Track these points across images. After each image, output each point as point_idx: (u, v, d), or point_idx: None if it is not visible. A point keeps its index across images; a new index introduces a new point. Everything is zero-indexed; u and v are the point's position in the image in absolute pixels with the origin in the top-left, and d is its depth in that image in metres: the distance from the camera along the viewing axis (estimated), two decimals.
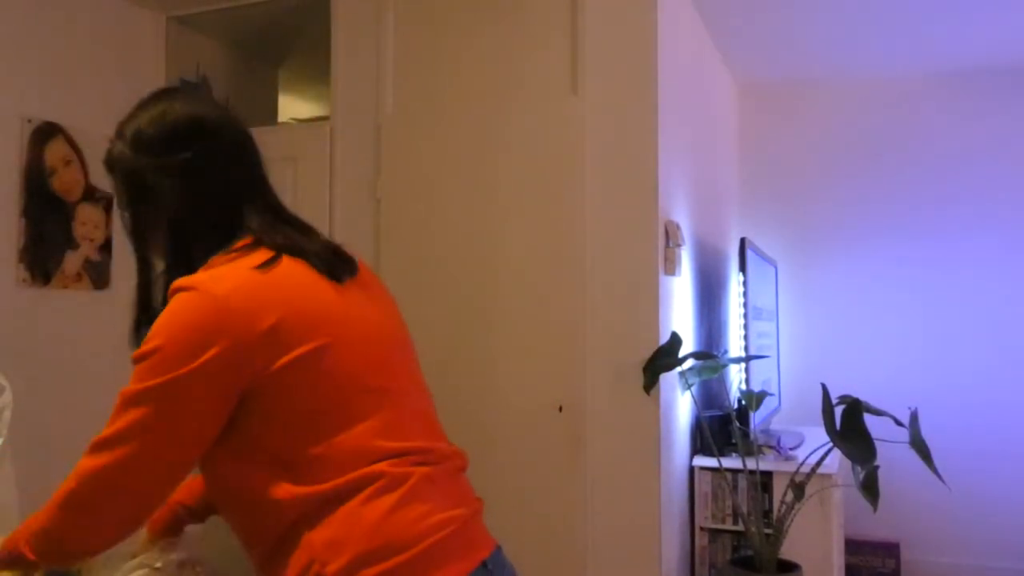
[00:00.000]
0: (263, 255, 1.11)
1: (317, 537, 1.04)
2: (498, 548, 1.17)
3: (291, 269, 1.11)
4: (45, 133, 2.91)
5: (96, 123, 3.13)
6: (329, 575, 1.02)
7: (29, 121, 2.87)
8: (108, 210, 3.15)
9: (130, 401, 1.03)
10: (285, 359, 1.05)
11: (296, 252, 1.14)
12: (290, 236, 1.16)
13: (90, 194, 3.08)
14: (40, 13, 2.94)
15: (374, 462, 1.08)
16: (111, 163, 1.21)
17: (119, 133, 1.21)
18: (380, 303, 1.23)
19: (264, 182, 1.23)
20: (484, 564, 1.11)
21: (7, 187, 2.80)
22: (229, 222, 1.16)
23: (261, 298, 1.05)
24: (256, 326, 1.04)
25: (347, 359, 1.10)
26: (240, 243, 1.14)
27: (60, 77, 3.01)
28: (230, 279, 1.06)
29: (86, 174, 3.07)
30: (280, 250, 1.13)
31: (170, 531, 1.32)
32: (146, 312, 1.23)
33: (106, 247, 3.15)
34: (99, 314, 3.13)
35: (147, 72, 3.36)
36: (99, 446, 1.04)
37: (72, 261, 3.00)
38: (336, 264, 1.16)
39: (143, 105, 1.23)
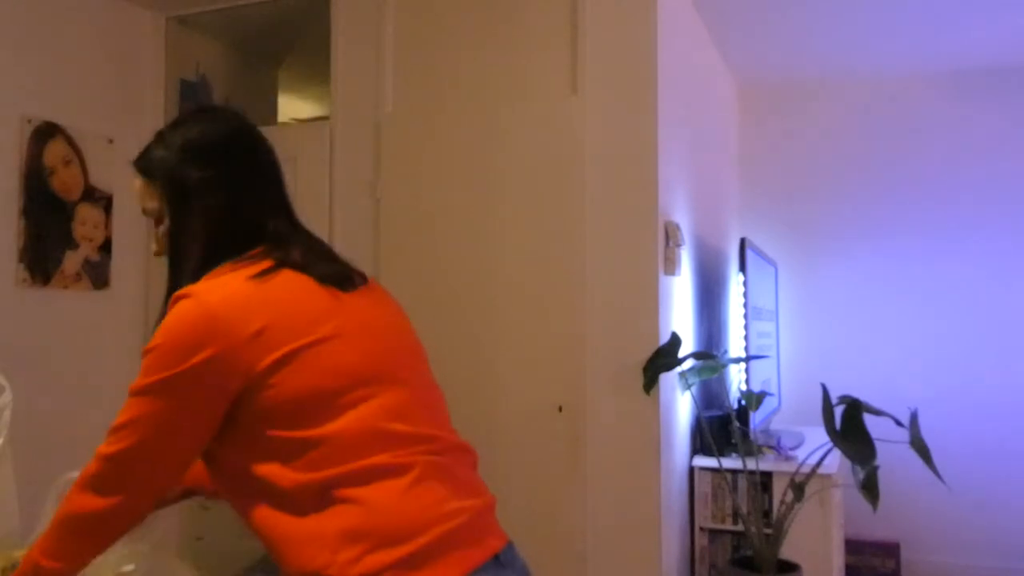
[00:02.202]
0: (264, 265, 1.18)
1: (328, 525, 1.07)
2: (511, 544, 1.18)
3: (287, 279, 1.17)
4: (45, 133, 2.91)
5: (96, 123, 3.13)
6: (341, 563, 1.04)
7: (29, 121, 2.86)
8: (108, 210, 3.16)
9: (133, 393, 1.13)
10: (271, 357, 1.11)
11: (297, 265, 1.20)
12: (297, 250, 1.22)
13: (90, 194, 3.08)
14: (40, 13, 2.94)
15: (377, 447, 1.11)
16: (150, 168, 1.25)
17: (162, 140, 1.26)
18: (385, 311, 1.27)
19: (287, 199, 1.30)
20: (497, 557, 1.13)
21: (7, 187, 2.80)
22: (255, 235, 1.23)
23: (251, 306, 1.12)
24: (243, 331, 1.11)
25: (341, 353, 1.15)
26: (250, 254, 1.21)
27: (60, 77, 3.00)
28: (224, 288, 1.14)
29: (86, 174, 3.07)
30: (281, 262, 1.19)
31: None
32: None
33: (106, 247, 3.15)
34: (99, 314, 3.13)
35: (147, 72, 3.37)
36: (111, 433, 1.13)
37: (72, 261, 3.00)
38: (336, 276, 1.22)
39: (188, 117, 1.30)
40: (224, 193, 1.23)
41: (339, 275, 1.23)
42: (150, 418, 1.11)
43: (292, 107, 4.07)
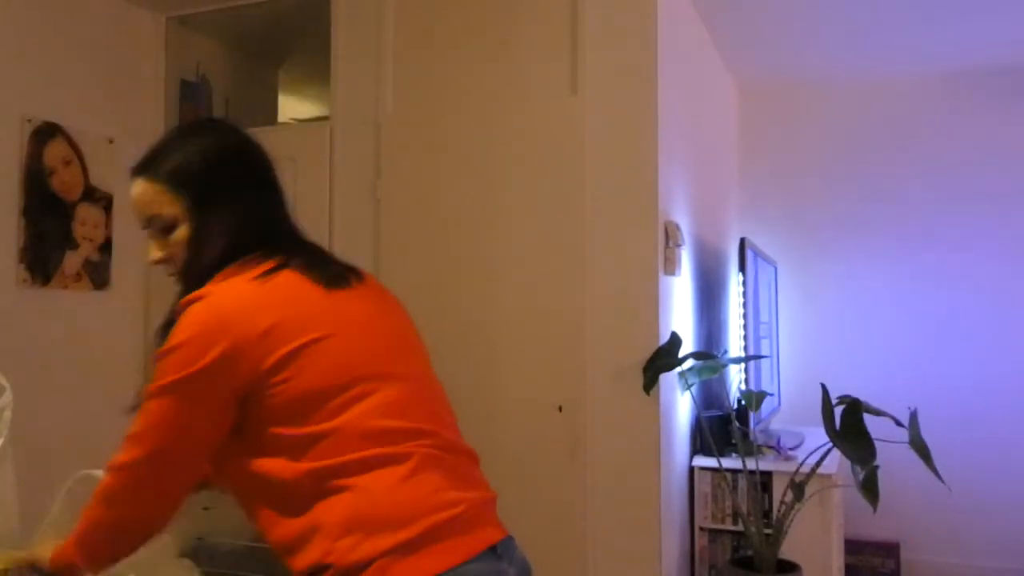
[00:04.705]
0: (266, 266, 1.21)
1: (328, 516, 1.10)
2: (511, 538, 1.20)
3: (288, 279, 1.20)
4: (45, 133, 2.91)
5: (96, 123, 3.13)
6: (340, 550, 1.08)
7: (29, 121, 2.86)
8: (108, 210, 3.16)
9: (150, 396, 1.14)
10: (277, 355, 1.13)
11: (297, 266, 1.23)
12: (297, 253, 1.26)
13: (90, 194, 3.08)
14: (40, 13, 2.94)
15: (376, 441, 1.13)
16: (171, 174, 1.24)
17: (178, 147, 1.26)
18: (385, 309, 1.30)
19: (288, 205, 1.35)
20: (493, 548, 1.14)
21: (7, 187, 2.80)
22: (265, 239, 1.27)
23: (259, 305, 1.16)
24: (253, 330, 1.13)
25: (341, 350, 1.17)
26: (253, 256, 1.24)
27: (60, 77, 3.00)
28: (233, 290, 1.17)
29: (86, 174, 3.07)
30: (283, 263, 1.22)
31: None
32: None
33: (106, 247, 3.15)
34: (99, 314, 3.13)
35: (147, 72, 3.36)
36: (127, 441, 1.15)
37: (72, 261, 3.00)
38: (335, 276, 1.25)
39: (195, 127, 1.34)
40: (244, 198, 1.27)
41: (337, 275, 1.26)
42: (168, 420, 1.13)
43: (292, 107, 4.07)
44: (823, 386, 2.52)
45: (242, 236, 1.25)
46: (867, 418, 2.48)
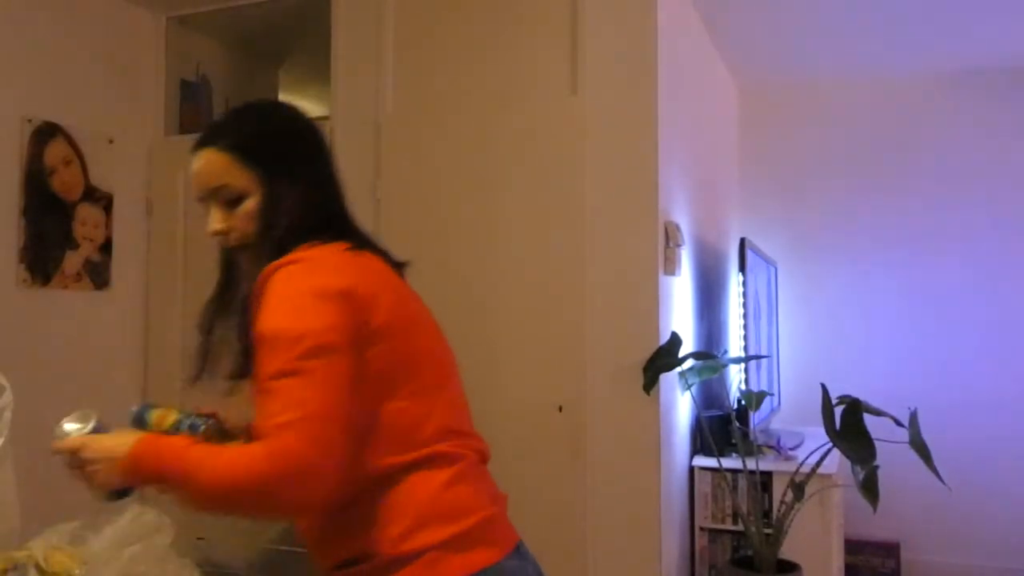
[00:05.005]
0: (347, 244, 1.21)
1: (382, 506, 1.10)
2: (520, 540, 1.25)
3: (372, 259, 1.23)
4: (45, 133, 2.91)
5: (96, 123, 3.13)
6: (392, 538, 1.08)
7: (29, 121, 2.86)
8: (108, 210, 3.16)
9: (285, 372, 1.03)
10: (378, 321, 1.12)
11: (372, 249, 1.25)
12: (364, 238, 1.28)
13: (90, 194, 3.08)
14: (40, 13, 2.94)
15: (443, 436, 1.16)
16: (247, 143, 1.23)
17: (252, 119, 1.27)
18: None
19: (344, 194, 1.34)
20: (518, 546, 1.20)
21: (7, 187, 2.80)
22: (332, 216, 1.27)
23: (359, 271, 1.16)
24: (357, 290, 1.11)
25: (424, 338, 1.21)
26: (323, 237, 1.21)
27: (60, 77, 3.00)
28: (332, 255, 1.16)
29: (86, 174, 3.07)
30: (360, 244, 1.24)
31: None
32: (226, 306, 1.29)
33: (106, 247, 3.15)
34: (99, 314, 3.13)
35: (147, 72, 3.36)
36: (268, 430, 1.00)
37: (72, 261, 3.00)
38: (396, 265, 1.30)
39: (266, 103, 1.35)
40: (315, 175, 1.27)
41: (400, 266, 1.30)
42: (311, 395, 1.01)
43: None
44: (823, 386, 2.52)
45: (314, 212, 1.23)
46: (867, 418, 2.48)
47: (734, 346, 3.80)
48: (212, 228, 1.23)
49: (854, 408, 2.48)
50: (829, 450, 2.61)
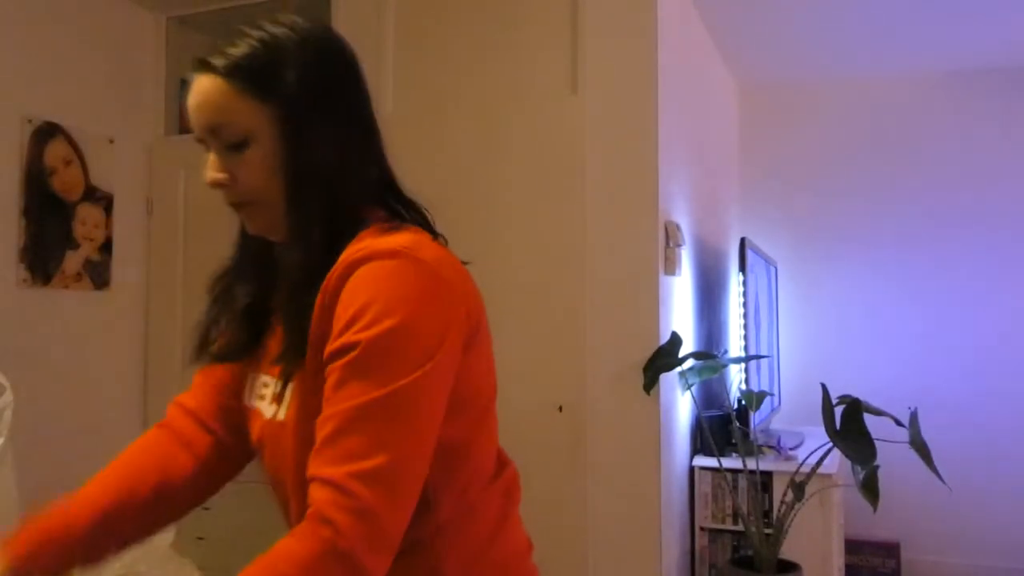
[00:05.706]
0: (426, 231, 0.96)
1: (447, 542, 0.95)
2: None
3: (449, 252, 0.96)
4: (45, 133, 2.91)
5: (96, 123, 3.13)
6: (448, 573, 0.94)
7: (29, 121, 2.86)
8: (108, 210, 3.15)
9: (374, 402, 0.80)
10: (475, 336, 0.92)
11: (441, 239, 0.99)
12: (426, 222, 1.01)
13: (90, 194, 3.08)
14: (40, 13, 2.94)
15: (496, 465, 1.05)
16: (261, 71, 0.92)
17: (271, 38, 0.95)
18: None
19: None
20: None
21: (7, 187, 2.80)
22: (380, 187, 0.98)
23: (457, 270, 0.91)
24: (464, 298, 0.90)
25: (489, 352, 0.99)
26: (393, 222, 0.95)
27: (60, 77, 3.00)
28: (427, 246, 0.89)
29: (86, 174, 3.07)
30: (434, 235, 0.98)
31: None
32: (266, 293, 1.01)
33: (106, 247, 3.15)
34: (99, 314, 3.13)
35: (147, 72, 3.36)
36: (360, 477, 0.78)
37: (72, 261, 3.00)
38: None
39: (292, 20, 1.01)
40: (356, 120, 0.98)
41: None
42: (414, 426, 0.81)
43: None
44: (823, 386, 2.52)
45: (360, 170, 0.94)
46: (867, 418, 2.48)
47: (734, 346, 3.80)
48: (208, 178, 0.93)
49: (854, 408, 2.48)
50: (829, 450, 2.61)
